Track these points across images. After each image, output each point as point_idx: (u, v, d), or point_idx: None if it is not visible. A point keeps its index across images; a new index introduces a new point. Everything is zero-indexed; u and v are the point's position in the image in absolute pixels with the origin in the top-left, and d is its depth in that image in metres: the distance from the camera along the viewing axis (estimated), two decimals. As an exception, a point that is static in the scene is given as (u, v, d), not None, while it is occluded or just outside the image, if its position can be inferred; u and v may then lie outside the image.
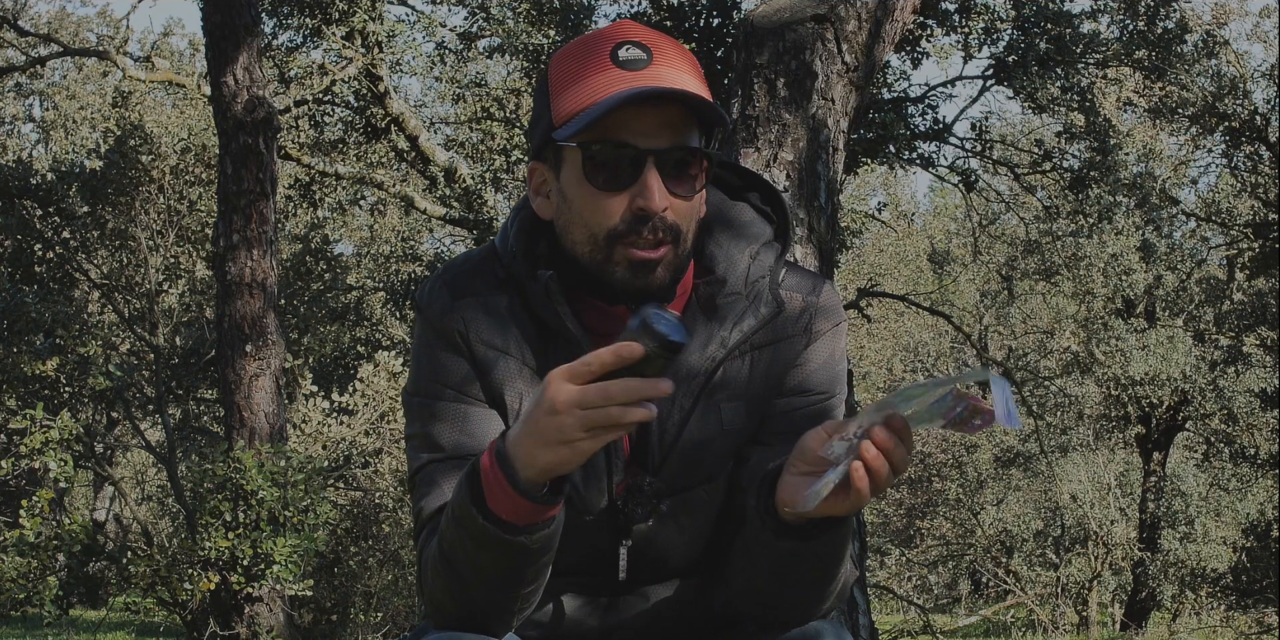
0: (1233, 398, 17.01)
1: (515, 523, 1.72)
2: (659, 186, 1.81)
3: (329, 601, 11.09)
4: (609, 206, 1.82)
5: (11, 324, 12.45)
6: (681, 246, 1.85)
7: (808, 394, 1.95)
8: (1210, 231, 19.84)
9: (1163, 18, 12.56)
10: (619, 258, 1.83)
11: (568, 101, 1.83)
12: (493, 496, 1.71)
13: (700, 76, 1.87)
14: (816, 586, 1.84)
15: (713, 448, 1.93)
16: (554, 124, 1.85)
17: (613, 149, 1.81)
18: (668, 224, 1.82)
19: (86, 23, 25.55)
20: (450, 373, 1.93)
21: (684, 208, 1.84)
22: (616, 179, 1.82)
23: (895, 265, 27.09)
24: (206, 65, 10.68)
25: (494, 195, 15.99)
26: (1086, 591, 18.85)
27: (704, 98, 1.81)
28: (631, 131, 1.80)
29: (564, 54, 1.87)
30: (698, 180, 1.85)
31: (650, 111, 1.81)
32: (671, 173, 1.83)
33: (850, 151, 9.59)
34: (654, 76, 1.81)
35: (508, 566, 1.76)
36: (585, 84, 1.82)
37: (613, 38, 1.84)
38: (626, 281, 1.84)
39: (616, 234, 1.83)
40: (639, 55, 1.82)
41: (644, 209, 1.81)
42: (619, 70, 1.81)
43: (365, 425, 12.21)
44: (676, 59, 1.85)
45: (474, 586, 1.80)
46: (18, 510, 9.28)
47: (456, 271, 1.96)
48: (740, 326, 1.92)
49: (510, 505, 1.71)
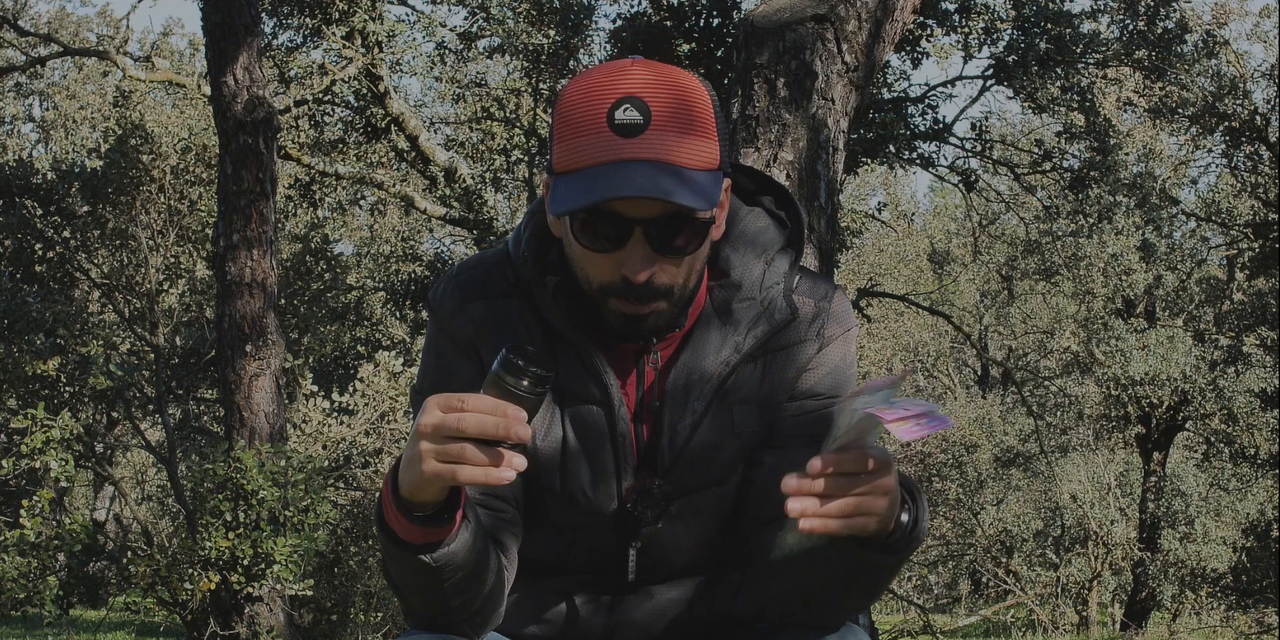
0: (1233, 398, 17.00)
1: (409, 540, 1.73)
2: (643, 257, 1.79)
3: (329, 601, 11.09)
4: (598, 264, 1.82)
5: (12, 323, 12.45)
6: (676, 297, 1.84)
7: (818, 397, 1.95)
8: (1210, 231, 19.84)
9: (1163, 18, 12.56)
10: (611, 308, 1.84)
11: (562, 155, 1.81)
12: (387, 512, 1.73)
13: (703, 129, 1.82)
14: (872, 594, 1.85)
15: (723, 451, 1.94)
16: (554, 168, 1.83)
17: (601, 218, 1.79)
18: (654, 287, 1.81)
19: (86, 23, 25.56)
20: (457, 374, 1.94)
21: (675, 268, 1.82)
22: (604, 243, 1.81)
23: (895, 265, 27.07)
24: (206, 65, 10.67)
25: (494, 195, 16.00)
26: (1086, 591, 18.84)
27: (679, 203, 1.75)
28: (620, 201, 1.77)
29: (572, 92, 1.83)
30: (692, 244, 1.82)
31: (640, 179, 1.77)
32: (662, 239, 1.80)
33: (850, 151, 9.60)
34: (646, 146, 1.77)
35: (422, 580, 1.78)
36: (579, 142, 1.79)
37: (615, 90, 1.80)
38: (618, 329, 1.86)
39: (605, 290, 1.83)
40: (635, 119, 1.78)
41: (627, 278, 1.80)
42: (612, 135, 1.77)
43: (365, 425, 12.21)
44: (675, 121, 1.79)
45: (409, 595, 1.83)
46: (18, 510, 9.28)
47: (468, 274, 1.97)
48: (754, 332, 1.92)
49: (399, 523, 1.72)
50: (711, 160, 1.81)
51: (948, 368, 29.57)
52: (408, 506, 1.70)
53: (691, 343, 1.93)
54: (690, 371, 1.92)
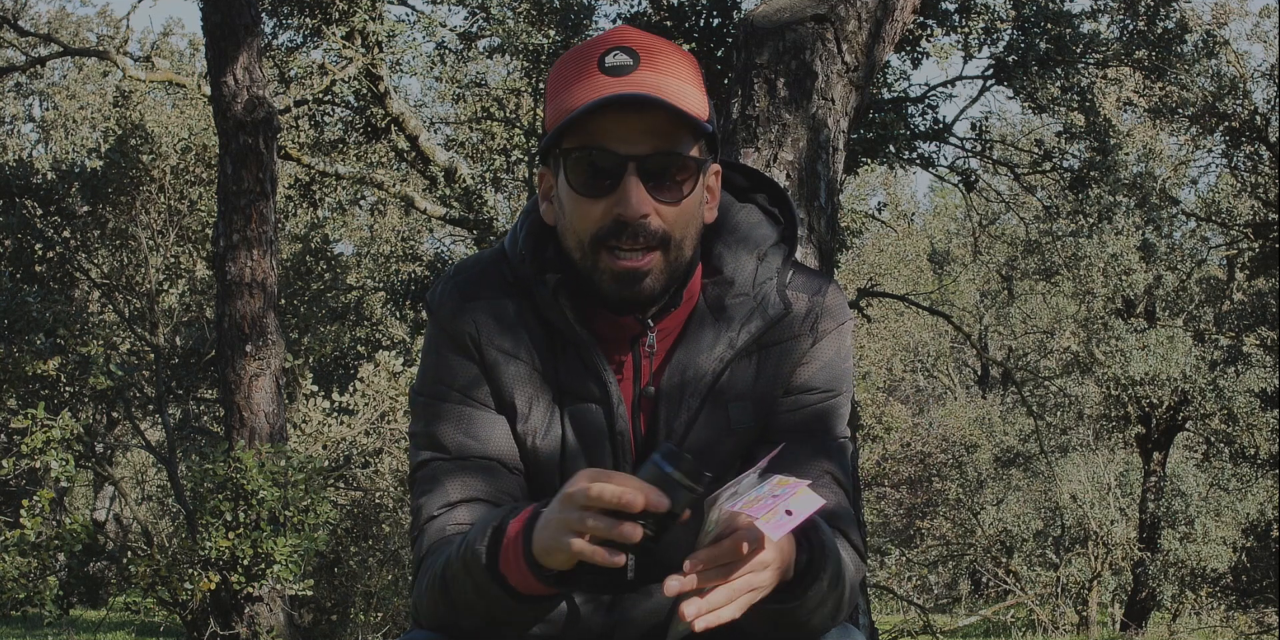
0: (1233, 398, 17.00)
1: (518, 588, 1.75)
2: (638, 193, 1.81)
3: (329, 601, 11.09)
4: (592, 212, 1.83)
5: (12, 323, 12.45)
6: (673, 253, 1.84)
7: (813, 392, 1.96)
8: (1210, 231, 19.84)
9: (1163, 18, 12.56)
10: (604, 266, 1.83)
11: (556, 107, 1.84)
12: (505, 559, 1.75)
13: (695, 82, 1.85)
14: (825, 618, 1.85)
15: (720, 447, 1.94)
16: (546, 129, 1.86)
17: (594, 155, 1.81)
18: (650, 230, 1.82)
19: (86, 23, 25.56)
20: (457, 375, 1.94)
21: (672, 214, 1.83)
22: (598, 185, 1.82)
23: (895, 265, 27.07)
24: (206, 65, 10.67)
25: (494, 195, 15.99)
26: (1086, 591, 18.84)
27: (675, 106, 1.79)
28: (613, 137, 1.80)
29: (562, 60, 1.88)
30: (685, 186, 1.84)
31: (633, 118, 1.80)
32: (656, 179, 1.82)
33: (850, 151, 9.61)
34: (636, 82, 1.80)
35: (497, 618, 1.80)
36: (571, 90, 1.82)
37: (605, 43, 1.84)
38: (613, 291, 1.85)
39: (599, 239, 1.83)
40: (625, 61, 1.82)
41: (622, 215, 1.81)
42: (603, 76, 1.81)
43: (365, 425, 12.21)
44: (667, 64, 1.83)
45: (463, 617, 1.84)
46: (18, 510, 9.28)
47: (466, 274, 1.97)
48: (748, 327, 1.92)
49: (518, 573, 1.74)
50: (701, 108, 1.84)
51: (948, 368, 29.57)
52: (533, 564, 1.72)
53: (685, 339, 1.93)
54: (685, 368, 1.92)
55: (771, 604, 1.74)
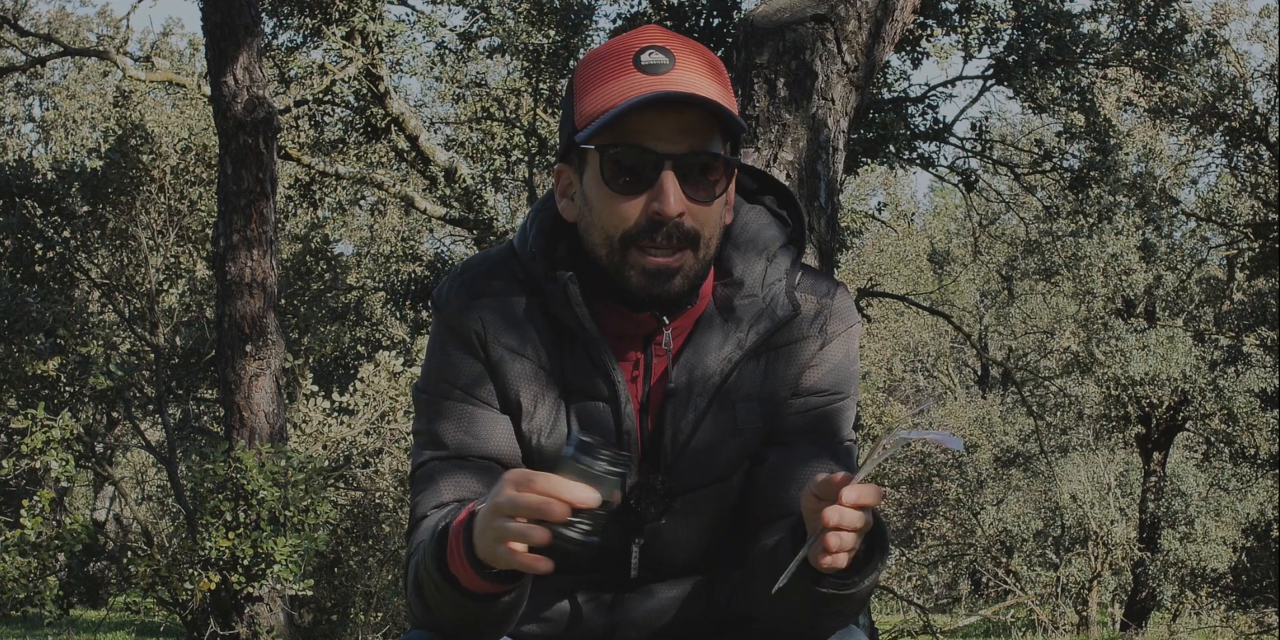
0: (1233, 398, 17.00)
1: (469, 588, 1.75)
2: (675, 191, 1.81)
3: (329, 601, 11.09)
4: (625, 210, 1.83)
5: (12, 323, 12.45)
6: (702, 252, 1.85)
7: (821, 394, 1.96)
8: (1210, 231, 19.84)
9: (1163, 18, 12.56)
10: (634, 262, 1.84)
11: (589, 104, 1.84)
12: (452, 559, 1.75)
13: (723, 82, 1.87)
14: (848, 616, 1.86)
15: (726, 448, 1.94)
16: (576, 127, 1.86)
17: (631, 152, 1.82)
18: (684, 230, 1.83)
19: (86, 23, 25.56)
20: (460, 373, 1.94)
21: (703, 213, 1.84)
22: (634, 183, 1.82)
23: (895, 265, 27.07)
24: (206, 65, 10.67)
25: (494, 195, 15.99)
26: (1086, 591, 18.84)
27: (720, 104, 1.81)
28: (650, 136, 1.81)
29: (590, 57, 1.88)
30: (718, 186, 1.85)
31: (670, 116, 1.81)
32: (690, 178, 1.83)
33: (850, 151, 9.60)
34: (674, 81, 1.81)
35: (464, 618, 1.80)
36: (607, 87, 1.83)
37: (637, 42, 1.85)
38: (642, 287, 1.85)
39: (631, 237, 1.83)
40: (661, 60, 1.83)
41: (659, 213, 1.81)
42: (640, 74, 1.82)
43: (365, 425, 12.21)
44: (699, 64, 1.85)
45: (439, 618, 1.84)
46: (18, 510, 9.28)
47: (475, 271, 1.97)
48: (756, 328, 1.93)
49: (465, 573, 1.74)
50: (733, 108, 1.86)
51: (948, 368, 29.57)
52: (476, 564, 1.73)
53: (694, 340, 1.93)
54: (693, 368, 1.92)
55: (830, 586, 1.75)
